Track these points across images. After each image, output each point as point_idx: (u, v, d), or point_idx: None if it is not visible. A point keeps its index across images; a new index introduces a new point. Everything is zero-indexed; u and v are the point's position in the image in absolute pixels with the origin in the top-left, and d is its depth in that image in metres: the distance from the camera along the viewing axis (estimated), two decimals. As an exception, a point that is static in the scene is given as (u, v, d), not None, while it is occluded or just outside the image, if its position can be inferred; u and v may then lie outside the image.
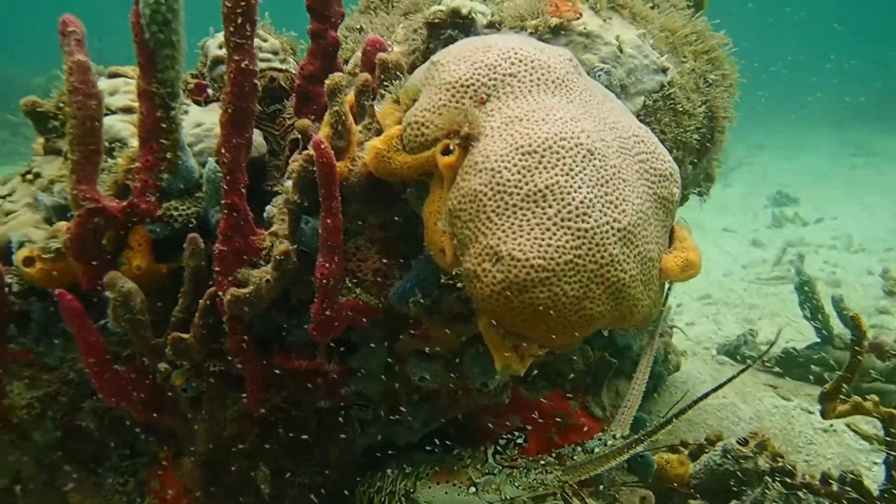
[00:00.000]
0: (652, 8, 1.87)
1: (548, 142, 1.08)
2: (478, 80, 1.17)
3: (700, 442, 2.07)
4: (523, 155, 1.08)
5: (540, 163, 1.07)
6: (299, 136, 1.42)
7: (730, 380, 1.33)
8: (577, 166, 1.08)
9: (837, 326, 3.11)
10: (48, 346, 1.39)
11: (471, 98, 1.17)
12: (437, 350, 1.32)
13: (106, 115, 1.52)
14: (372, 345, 1.32)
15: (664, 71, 1.67)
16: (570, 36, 1.63)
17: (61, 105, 1.55)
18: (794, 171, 12.87)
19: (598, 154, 1.10)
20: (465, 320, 1.28)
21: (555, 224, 1.05)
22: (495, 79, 1.17)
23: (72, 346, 1.39)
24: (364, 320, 1.26)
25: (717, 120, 1.85)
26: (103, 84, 1.57)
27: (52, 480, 1.45)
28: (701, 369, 3.19)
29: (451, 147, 1.14)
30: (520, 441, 1.42)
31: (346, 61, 1.82)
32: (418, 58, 1.75)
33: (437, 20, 1.68)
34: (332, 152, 1.18)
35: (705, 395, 1.28)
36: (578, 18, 1.63)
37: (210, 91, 1.59)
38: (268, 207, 1.37)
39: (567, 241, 1.04)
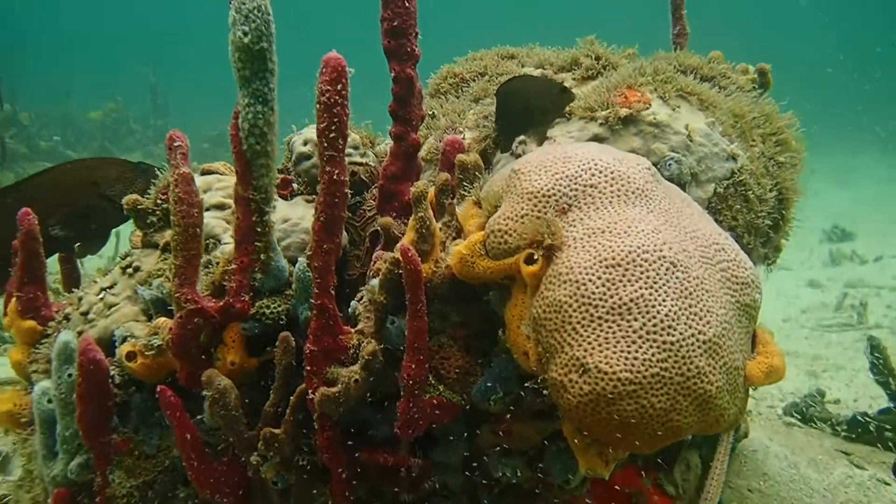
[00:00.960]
0: (719, 91, 1.90)
1: (631, 255, 1.12)
2: (559, 191, 1.22)
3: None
4: (607, 268, 1.11)
5: (624, 276, 1.11)
6: (381, 231, 1.49)
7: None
8: (660, 279, 1.11)
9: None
10: (147, 434, 1.47)
11: (553, 208, 1.21)
12: (517, 446, 1.35)
13: (200, 210, 1.61)
14: (453, 438, 1.36)
15: (734, 158, 1.70)
16: (640, 126, 1.67)
17: (158, 202, 1.65)
18: (847, 200, 12.51)
19: (681, 266, 1.13)
20: (547, 418, 1.31)
21: (640, 337, 1.08)
22: (576, 189, 1.21)
23: (167, 435, 1.46)
24: (448, 418, 1.30)
25: (787, 200, 1.86)
26: (199, 180, 1.67)
27: (147, 563, 1.51)
28: (770, 434, 3.13)
29: (535, 257, 1.18)
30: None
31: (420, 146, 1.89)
32: (489, 145, 1.82)
33: (509, 110, 1.73)
34: (419, 258, 1.23)
35: None
36: (647, 108, 1.67)
37: (295, 185, 1.67)
38: (353, 303, 1.43)
39: (653, 355, 1.07)
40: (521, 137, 1.77)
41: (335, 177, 1.27)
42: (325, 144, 1.27)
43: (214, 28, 1.35)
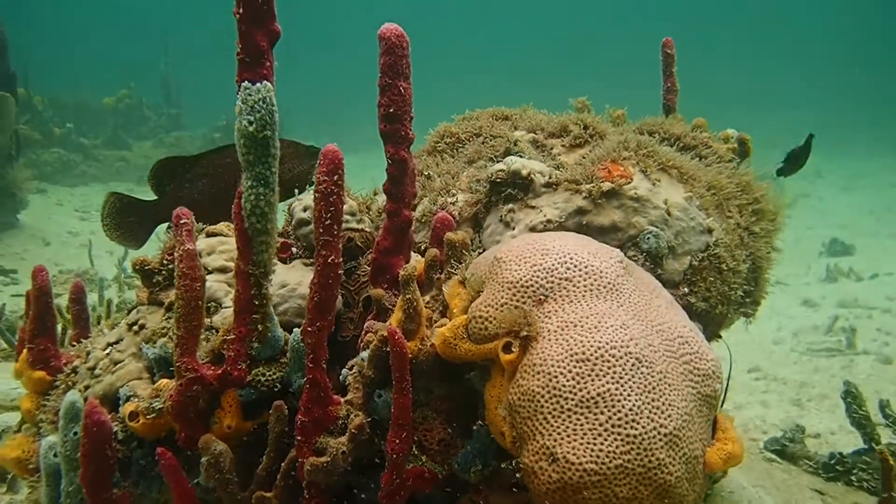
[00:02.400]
0: (700, 160, 1.99)
1: (600, 350, 1.21)
2: (536, 282, 1.31)
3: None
4: (577, 362, 1.20)
5: (592, 370, 1.20)
6: (373, 301, 1.58)
7: None
8: (626, 374, 1.20)
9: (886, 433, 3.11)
10: (146, 488, 1.56)
11: (530, 298, 1.30)
12: (495, 513, 1.44)
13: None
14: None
15: (709, 231, 1.79)
16: (621, 200, 1.77)
17: (164, 262, 1.74)
18: (852, 207, 12.51)
19: (646, 361, 1.22)
20: (523, 488, 1.40)
21: (606, 430, 1.17)
22: (552, 282, 1.31)
23: (166, 489, 1.55)
24: (429, 488, 1.39)
25: (760, 269, 1.95)
26: (201, 244, 1.77)
27: None
28: (748, 470, 3.19)
29: (512, 346, 1.27)
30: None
31: (415, 207, 1.99)
32: (480, 210, 1.92)
33: (498, 180, 1.83)
34: (405, 340, 1.33)
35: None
36: (629, 182, 1.77)
37: (294, 250, 1.77)
38: (344, 371, 1.52)
39: (617, 447, 1.16)
40: (510, 206, 1.86)
41: (329, 261, 1.37)
42: (321, 230, 1.36)
43: (226, 16, 1.44)
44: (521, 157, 1.97)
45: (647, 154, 1.85)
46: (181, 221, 1.44)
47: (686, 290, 1.76)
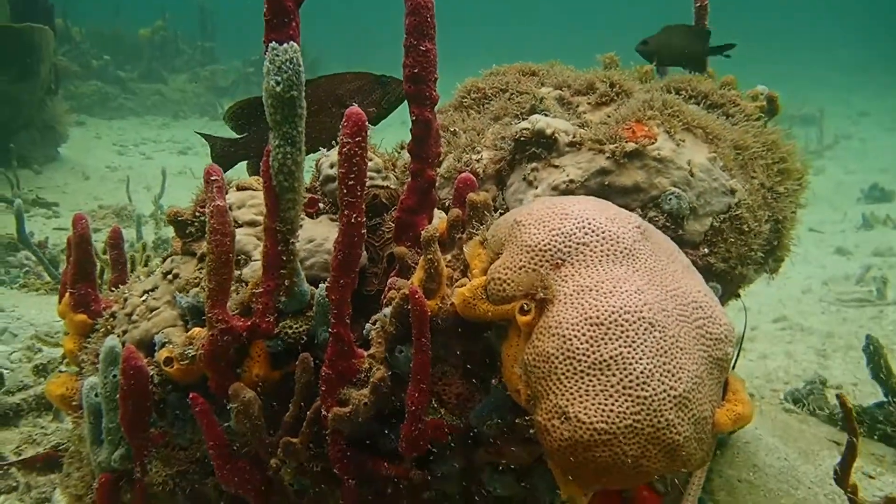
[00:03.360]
0: (727, 119, 1.98)
1: (614, 315, 1.25)
2: (554, 247, 1.34)
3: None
4: (592, 326, 1.24)
5: (606, 334, 1.24)
6: (396, 258, 1.63)
7: None
8: (639, 338, 1.24)
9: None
10: (181, 429, 1.65)
11: (548, 262, 1.34)
12: (509, 464, 1.51)
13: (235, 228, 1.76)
14: (451, 454, 1.52)
15: (732, 192, 1.80)
16: (644, 160, 1.78)
17: (197, 214, 1.80)
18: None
19: (659, 325, 1.26)
20: (536, 443, 1.46)
21: (617, 391, 1.21)
22: (570, 246, 1.34)
23: (199, 431, 1.63)
24: (446, 439, 1.46)
25: (783, 229, 1.96)
26: (232, 197, 1.82)
27: (181, 540, 1.71)
28: (767, 421, 3.24)
29: (528, 308, 1.31)
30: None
31: (440, 164, 2.01)
32: (504, 167, 1.94)
33: (522, 138, 1.85)
34: (425, 300, 1.38)
35: None
36: (653, 143, 1.77)
37: (321, 205, 1.81)
38: (368, 325, 1.58)
39: (628, 408, 1.20)
40: (534, 164, 1.88)
41: (352, 220, 1.41)
42: (345, 191, 1.40)
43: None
44: (546, 115, 1.98)
45: (672, 114, 1.85)
46: (212, 178, 1.48)
47: (706, 250, 1.78)
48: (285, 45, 1.40)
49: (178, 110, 13.38)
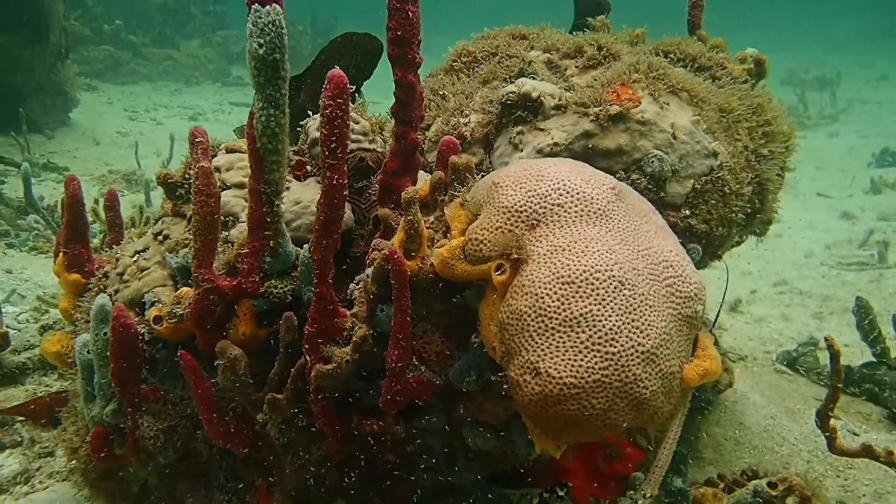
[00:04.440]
0: (713, 81, 1.99)
1: (584, 273, 1.28)
2: (530, 208, 1.37)
3: (736, 477, 2.23)
4: (563, 284, 1.28)
5: (577, 293, 1.27)
6: (381, 220, 1.66)
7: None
8: (608, 296, 1.27)
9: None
10: (172, 385, 1.70)
11: (523, 222, 1.36)
12: (488, 419, 1.55)
13: (222, 190, 1.79)
14: (433, 408, 1.57)
15: (714, 155, 1.82)
16: (628, 123, 1.80)
17: (186, 176, 1.83)
18: None
19: (629, 284, 1.29)
20: (513, 399, 1.50)
21: (586, 347, 1.25)
22: (545, 207, 1.36)
23: (189, 387, 1.68)
24: (427, 394, 1.50)
25: (766, 191, 1.97)
26: (221, 159, 1.85)
27: (172, 491, 1.77)
28: (757, 382, 3.28)
29: (504, 267, 1.34)
30: (561, 494, 1.66)
31: (429, 127, 2.04)
32: (492, 130, 1.96)
33: (509, 101, 1.86)
34: (405, 261, 1.41)
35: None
36: (637, 106, 1.79)
37: (308, 168, 1.84)
38: (352, 285, 1.62)
39: (596, 363, 1.24)
40: (519, 128, 1.90)
41: (335, 181, 1.44)
42: (327, 153, 1.42)
43: None
44: (533, 78, 1.99)
45: (657, 77, 1.86)
46: (196, 140, 1.51)
47: (688, 212, 1.80)
48: (268, 7, 1.42)
49: (191, 76, 13.36)
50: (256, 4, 1.42)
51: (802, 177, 8.78)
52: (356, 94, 2.00)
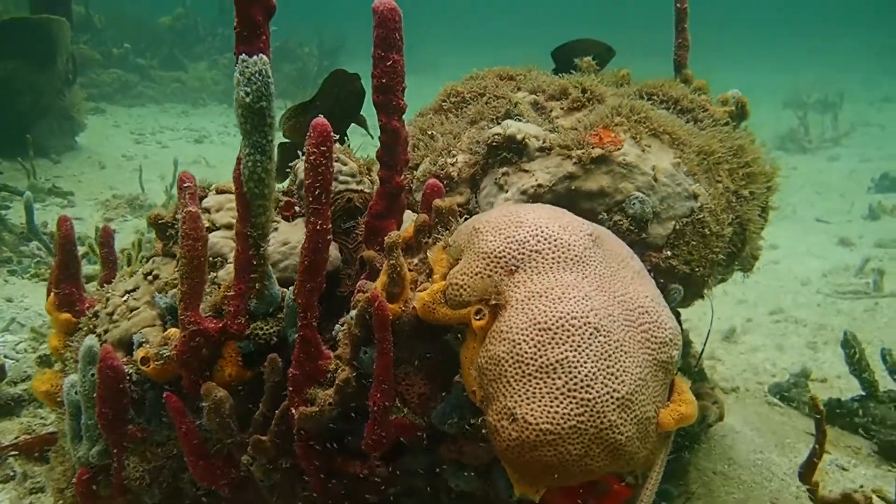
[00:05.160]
0: (695, 124, 2.03)
1: (561, 320, 1.30)
2: (508, 254, 1.39)
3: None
4: (540, 331, 1.30)
5: (553, 339, 1.29)
6: (366, 261, 1.69)
7: None
8: (584, 343, 1.29)
9: (885, 380, 3.17)
10: (158, 425, 1.71)
11: (502, 268, 1.39)
12: (470, 461, 1.57)
13: (212, 230, 1.82)
14: (416, 452, 1.58)
15: (695, 197, 1.85)
16: (610, 166, 1.83)
17: (177, 217, 1.86)
18: None
19: (604, 330, 1.31)
20: (494, 440, 1.52)
21: (562, 394, 1.27)
22: (523, 253, 1.39)
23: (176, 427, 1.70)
24: (409, 437, 1.52)
25: (746, 232, 2.00)
26: (211, 200, 1.88)
27: (158, 531, 1.78)
28: (749, 414, 3.28)
29: (483, 312, 1.37)
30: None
31: (417, 166, 2.07)
32: (478, 171, 1.99)
33: (495, 143, 1.90)
34: (387, 305, 1.43)
35: None
36: (619, 149, 1.82)
37: (297, 208, 1.87)
38: (337, 326, 1.64)
39: (572, 410, 1.26)
40: (505, 169, 1.93)
41: (318, 226, 1.47)
42: (311, 199, 1.46)
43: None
44: (519, 119, 2.03)
45: (638, 120, 1.89)
46: (185, 185, 1.54)
47: (669, 253, 1.83)
48: (255, 57, 1.46)
49: (198, 98, 13.46)
50: (244, 55, 1.46)
51: (802, 201, 8.81)
52: (344, 137, 2.04)
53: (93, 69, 12.28)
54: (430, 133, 2.15)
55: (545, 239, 1.40)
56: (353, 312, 1.55)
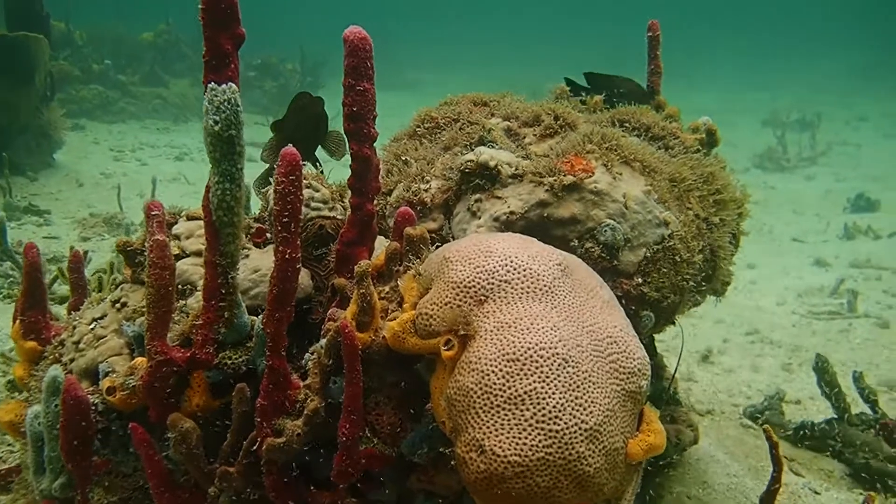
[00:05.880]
0: (666, 151, 2.05)
1: (529, 351, 1.30)
2: (478, 283, 1.39)
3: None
4: (508, 362, 1.30)
5: (521, 370, 1.29)
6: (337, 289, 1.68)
7: None
8: (552, 374, 1.29)
9: (857, 403, 3.20)
10: (125, 456, 1.69)
11: (471, 298, 1.39)
12: (440, 491, 1.55)
13: (182, 257, 1.81)
14: (386, 482, 1.57)
15: (666, 224, 1.86)
16: (581, 193, 1.84)
17: (145, 244, 1.84)
18: (889, 157, 12.21)
19: (572, 361, 1.31)
20: (465, 470, 1.51)
21: (530, 425, 1.26)
22: (493, 283, 1.39)
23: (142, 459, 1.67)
24: (378, 468, 1.51)
25: (717, 258, 2.02)
26: (181, 227, 1.86)
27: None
28: (721, 440, 3.29)
29: (452, 343, 1.37)
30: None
31: (391, 192, 2.07)
32: (451, 197, 1.99)
33: (467, 170, 1.90)
34: (356, 334, 1.43)
35: None
36: (590, 177, 1.83)
37: (268, 235, 1.86)
38: (307, 355, 1.63)
39: (540, 441, 1.26)
40: (478, 196, 1.93)
41: (287, 256, 1.46)
42: (279, 227, 1.45)
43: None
44: (492, 146, 2.04)
45: (609, 148, 1.91)
46: (152, 213, 1.53)
47: (640, 280, 1.84)
48: (223, 86, 1.45)
49: (179, 114, 13.38)
50: (213, 83, 1.46)
51: (778, 221, 8.91)
52: (316, 162, 2.03)
53: (73, 85, 12.21)
54: (403, 159, 2.15)
55: (514, 269, 1.40)
56: (323, 342, 1.54)
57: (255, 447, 1.52)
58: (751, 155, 12.46)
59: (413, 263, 1.59)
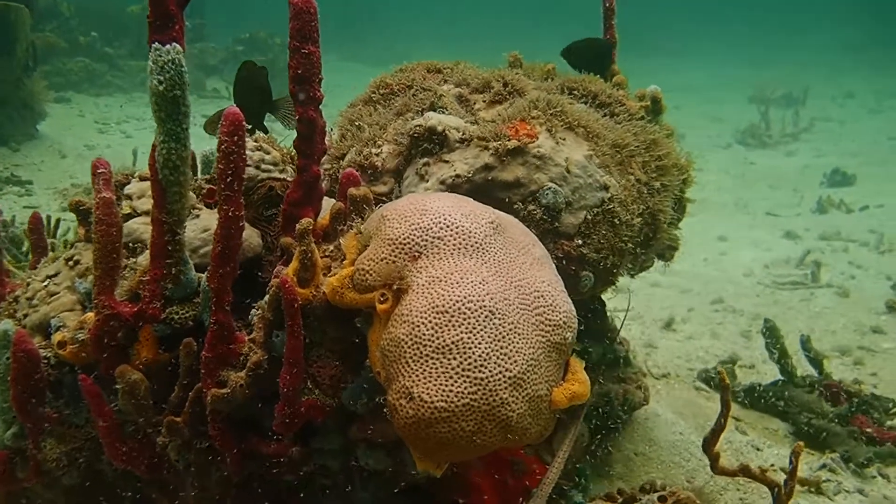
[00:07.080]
0: (611, 118, 2.10)
1: (457, 304, 1.36)
2: (412, 240, 1.45)
3: (634, 492, 2.32)
4: (437, 314, 1.36)
5: (450, 321, 1.35)
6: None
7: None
8: (479, 325, 1.35)
9: (803, 366, 3.32)
10: (76, 408, 1.74)
11: (406, 254, 1.45)
12: (381, 440, 1.62)
13: (133, 216, 1.85)
14: (329, 432, 1.63)
15: (606, 188, 1.92)
16: (525, 157, 1.90)
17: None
18: (872, 132, 12.28)
19: (499, 313, 1.38)
20: (403, 420, 1.58)
21: (457, 373, 1.33)
22: (427, 240, 1.45)
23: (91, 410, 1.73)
24: (320, 418, 1.57)
25: (658, 222, 2.09)
26: (133, 187, 1.90)
27: (78, 514, 1.81)
28: (673, 402, 3.39)
29: (386, 296, 1.43)
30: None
31: (344, 156, 2.12)
32: (402, 161, 2.04)
33: (416, 134, 1.95)
34: (296, 289, 1.48)
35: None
36: (534, 141, 1.89)
37: (218, 196, 1.90)
38: (252, 311, 1.68)
39: (465, 388, 1.32)
40: (426, 160, 1.99)
41: (230, 213, 1.51)
42: (223, 186, 1.50)
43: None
44: (443, 112, 2.08)
45: (554, 114, 1.96)
46: (98, 171, 1.57)
47: (580, 241, 1.90)
48: (168, 46, 1.49)
49: (166, 87, 13.25)
50: (157, 43, 1.49)
51: (755, 196, 9.02)
52: (263, 127, 2.07)
53: (59, 57, 12.04)
54: (357, 124, 2.19)
55: (447, 226, 1.46)
56: (266, 297, 1.60)
57: (200, 398, 1.58)
58: (733, 130, 12.55)
59: (356, 223, 1.64)
